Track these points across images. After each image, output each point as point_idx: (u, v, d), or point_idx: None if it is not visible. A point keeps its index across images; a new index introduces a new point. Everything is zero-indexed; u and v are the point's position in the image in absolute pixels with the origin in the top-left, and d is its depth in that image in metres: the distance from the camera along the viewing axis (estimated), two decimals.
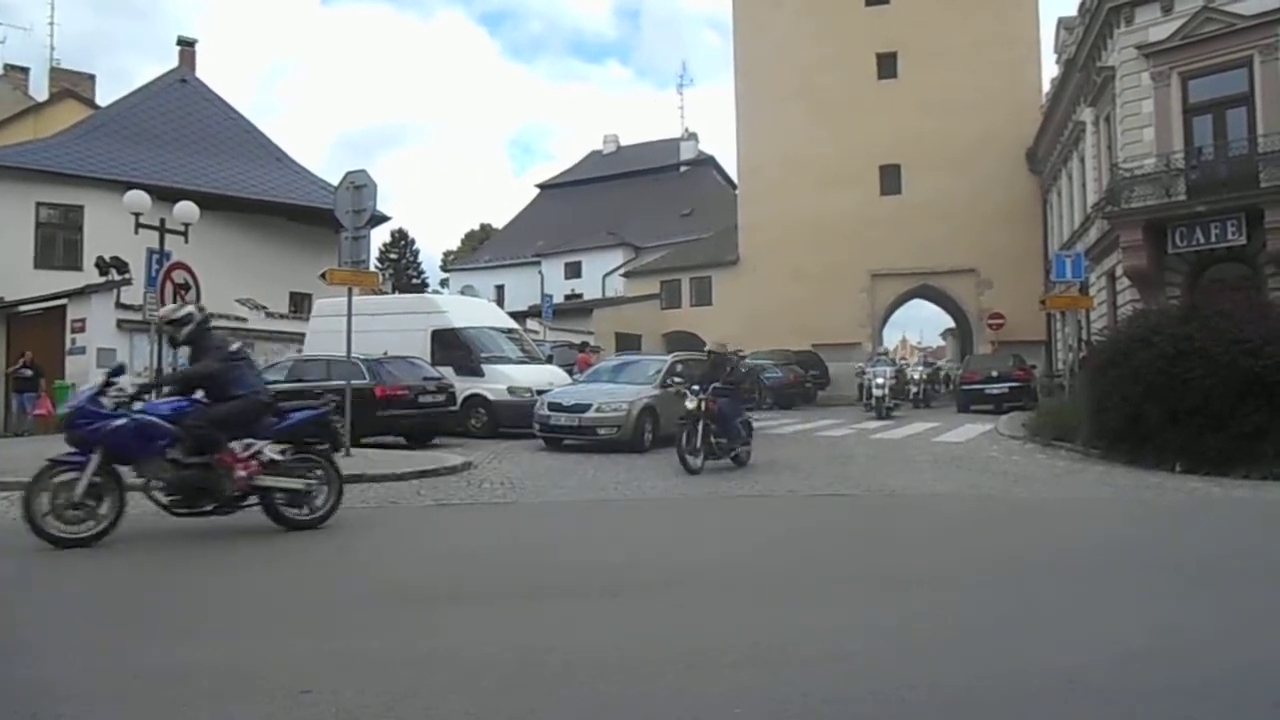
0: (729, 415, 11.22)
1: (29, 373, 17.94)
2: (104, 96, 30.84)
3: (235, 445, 6.87)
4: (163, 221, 14.73)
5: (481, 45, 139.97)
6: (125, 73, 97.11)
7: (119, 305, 18.28)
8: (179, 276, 13.25)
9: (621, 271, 41.90)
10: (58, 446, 6.67)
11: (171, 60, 28.70)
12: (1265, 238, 16.05)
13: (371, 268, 13.76)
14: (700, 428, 10.84)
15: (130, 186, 16.13)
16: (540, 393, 14.52)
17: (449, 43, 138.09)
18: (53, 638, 4.17)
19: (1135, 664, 3.74)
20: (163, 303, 13.19)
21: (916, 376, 26.00)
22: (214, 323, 7.94)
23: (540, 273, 44.88)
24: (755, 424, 12.72)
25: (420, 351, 15.67)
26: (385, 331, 15.41)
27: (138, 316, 16.99)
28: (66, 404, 8.48)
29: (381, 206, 14.16)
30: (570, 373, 18.11)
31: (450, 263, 55.59)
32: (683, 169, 48.45)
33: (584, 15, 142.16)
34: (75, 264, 20.60)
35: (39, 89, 31.83)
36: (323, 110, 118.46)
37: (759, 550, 6.57)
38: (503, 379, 15.55)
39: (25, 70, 32.79)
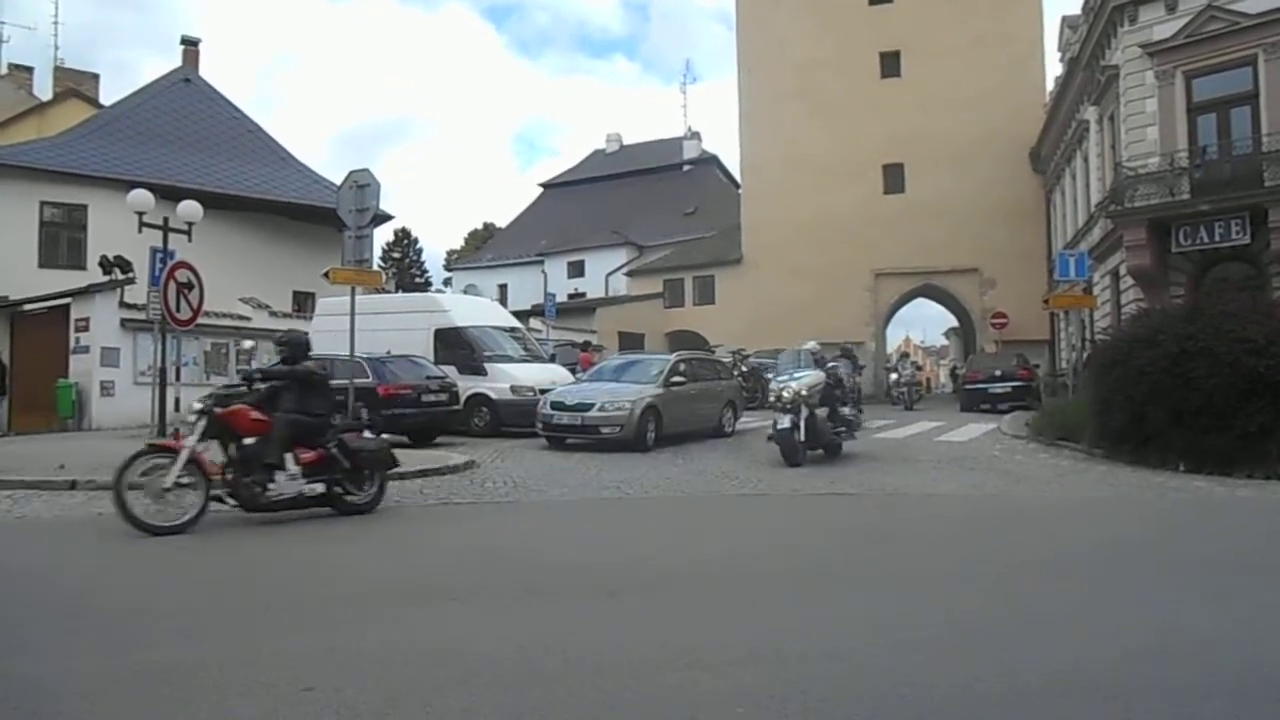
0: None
1: None
2: (107, 90, 30.91)
3: None
4: (166, 220, 14.75)
5: (487, 39, 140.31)
6: (128, 66, 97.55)
7: (122, 304, 18.33)
8: (182, 275, 13.28)
9: (625, 270, 41.87)
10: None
11: (174, 54, 28.78)
12: (1269, 237, 16.00)
13: (375, 267, 13.77)
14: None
15: (134, 185, 16.14)
16: (543, 392, 14.52)
17: (454, 37, 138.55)
18: (53, 635, 4.18)
19: (1137, 663, 3.73)
20: (166, 302, 13.17)
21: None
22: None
23: (543, 272, 44.88)
24: (758, 423, 12.72)
25: (423, 350, 15.68)
26: (388, 330, 15.42)
27: (141, 316, 17.02)
28: None
29: (384, 204, 14.16)
30: (573, 372, 18.12)
31: (453, 262, 55.57)
32: (686, 168, 48.38)
33: (591, 8, 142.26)
34: (79, 263, 20.62)
35: (43, 88, 31.87)
36: (326, 104, 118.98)
37: (761, 549, 6.57)
38: (506, 378, 15.56)
39: (29, 69, 32.78)
